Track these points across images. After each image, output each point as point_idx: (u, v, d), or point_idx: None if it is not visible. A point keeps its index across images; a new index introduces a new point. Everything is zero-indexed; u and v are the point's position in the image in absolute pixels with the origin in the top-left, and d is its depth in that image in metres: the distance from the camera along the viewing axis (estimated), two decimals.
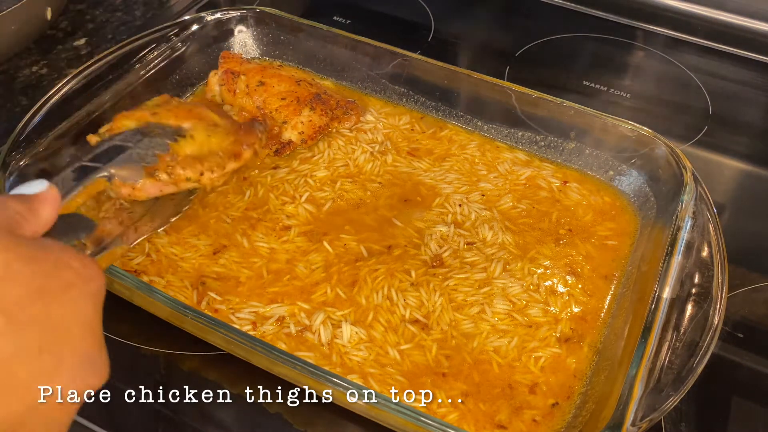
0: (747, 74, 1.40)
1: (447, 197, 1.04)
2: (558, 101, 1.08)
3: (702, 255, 0.88)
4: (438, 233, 0.98)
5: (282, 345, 0.85)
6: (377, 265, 0.94)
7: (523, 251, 0.97)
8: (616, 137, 1.05)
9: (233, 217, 1.00)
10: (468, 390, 0.82)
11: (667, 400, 0.73)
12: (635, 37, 1.48)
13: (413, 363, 0.84)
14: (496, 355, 0.86)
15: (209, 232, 0.97)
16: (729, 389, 0.88)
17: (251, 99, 1.11)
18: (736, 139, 1.27)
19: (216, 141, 0.92)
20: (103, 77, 1.08)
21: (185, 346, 0.88)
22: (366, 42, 1.18)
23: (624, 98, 1.33)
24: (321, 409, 0.82)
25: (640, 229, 1.01)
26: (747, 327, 0.95)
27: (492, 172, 1.08)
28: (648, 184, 1.03)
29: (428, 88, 1.16)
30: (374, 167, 1.08)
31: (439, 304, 0.90)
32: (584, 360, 0.86)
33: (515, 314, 0.90)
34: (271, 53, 1.26)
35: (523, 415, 0.81)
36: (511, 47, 1.43)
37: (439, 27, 1.47)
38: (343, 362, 0.84)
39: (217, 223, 0.98)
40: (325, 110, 1.10)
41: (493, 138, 1.13)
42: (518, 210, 1.03)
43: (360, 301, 0.90)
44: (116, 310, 0.90)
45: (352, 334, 0.86)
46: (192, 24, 1.19)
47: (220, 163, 0.91)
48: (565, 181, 1.07)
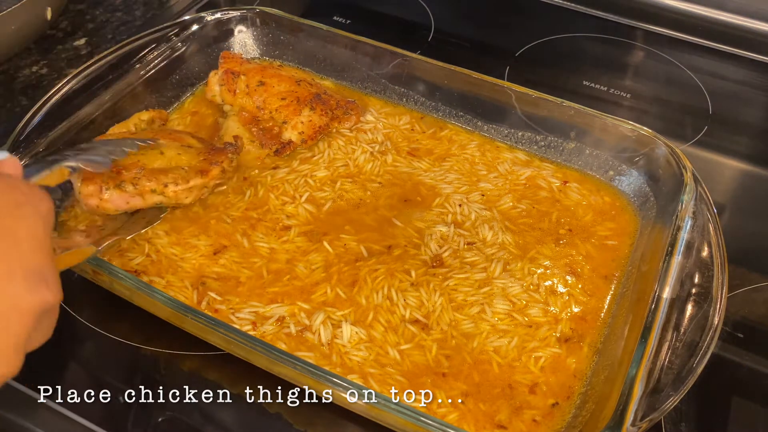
0: (747, 74, 1.40)
1: (447, 197, 1.04)
2: (558, 101, 1.08)
3: (702, 255, 0.88)
4: (438, 233, 0.98)
5: (282, 345, 0.85)
6: (377, 265, 0.94)
7: (523, 251, 0.97)
8: (616, 137, 1.05)
9: (233, 217, 0.99)
10: (468, 390, 0.82)
11: (667, 400, 0.73)
12: (635, 37, 1.48)
13: (413, 363, 0.84)
14: (496, 355, 0.86)
15: (210, 233, 0.97)
16: (729, 389, 0.88)
17: (251, 99, 1.11)
18: (736, 139, 1.27)
19: (185, 159, 0.95)
20: (103, 77, 1.08)
21: (185, 346, 0.88)
22: (366, 42, 1.18)
23: (624, 98, 1.33)
24: (321, 409, 0.82)
25: (640, 229, 1.01)
26: (747, 327, 0.95)
27: (492, 172, 1.08)
28: (648, 184, 1.03)
29: (428, 88, 1.16)
30: (374, 167, 1.08)
31: (439, 304, 0.90)
32: (584, 360, 0.86)
33: (515, 314, 0.90)
34: (271, 53, 1.26)
35: (523, 415, 0.81)
36: (511, 47, 1.43)
37: (439, 27, 1.47)
38: (343, 362, 0.84)
39: (218, 223, 0.98)
40: (325, 110, 1.10)
41: (493, 138, 1.13)
42: (518, 210, 1.03)
43: (360, 301, 0.90)
44: (116, 310, 0.90)
45: (352, 334, 0.86)
46: (192, 24, 1.19)
47: (184, 176, 0.93)
48: (565, 181, 1.07)
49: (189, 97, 1.20)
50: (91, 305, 0.93)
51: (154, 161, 0.94)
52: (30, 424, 0.82)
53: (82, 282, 0.93)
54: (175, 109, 1.17)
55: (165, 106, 1.16)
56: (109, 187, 0.90)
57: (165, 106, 1.16)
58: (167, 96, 1.17)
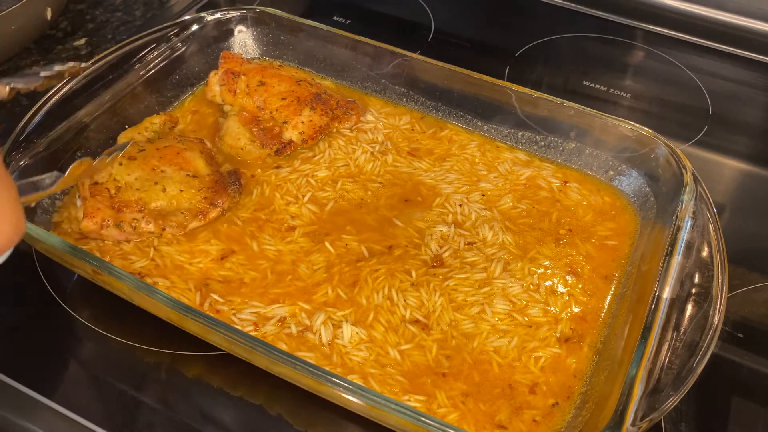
0: (747, 74, 1.40)
1: (447, 197, 1.04)
2: (558, 101, 1.08)
3: (702, 255, 0.88)
4: (438, 233, 0.98)
5: (283, 345, 0.85)
6: (378, 266, 0.94)
7: (523, 251, 0.97)
8: (616, 137, 1.05)
9: (243, 218, 1.00)
10: (468, 390, 0.82)
11: (667, 400, 0.73)
12: (635, 37, 1.48)
13: (413, 363, 0.85)
14: (496, 355, 0.86)
15: (221, 237, 0.97)
16: (729, 389, 0.88)
17: (251, 99, 1.11)
18: (736, 139, 1.27)
19: (186, 197, 0.97)
20: (103, 77, 1.08)
21: (186, 347, 0.88)
22: (366, 42, 1.18)
23: (624, 98, 1.33)
24: (321, 409, 0.82)
25: (640, 229, 1.01)
26: (747, 327, 0.95)
27: (492, 171, 1.08)
28: (648, 184, 1.03)
29: (428, 88, 1.16)
30: (375, 167, 1.08)
31: (440, 304, 0.90)
32: (584, 360, 0.86)
33: (515, 314, 0.90)
34: (271, 53, 1.26)
35: (523, 415, 0.81)
36: (511, 47, 1.43)
37: (439, 27, 1.47)
38: (344, 362, 0.84)
39: (229, 227, 0.99)
40: (325, 110, 1.10)
41: (493, 138, 1.13)
42: (518, 210, 1.03)
43: (361, 302, 0.90)
44: (116, 311, 0.90)
45: (353, 334, 0.86)
46: (192, 24, 1.19)
47: (182, 222, 0.96)
48: (565, 181, 1.07)
49: (189, 97, 1.19)
50: (91, 305, 0.93)
51: (156, 199, 0.95)
52: (30, 424, 0.82)
53: (82, 282, 0.93)
54: (175, 109, 1.17)
55: (165, 106, 1.16)
56: (108, 225, 0.93)
57: (165, 106, 1.16)
58: (167, 96, 1.17)
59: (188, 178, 0.98)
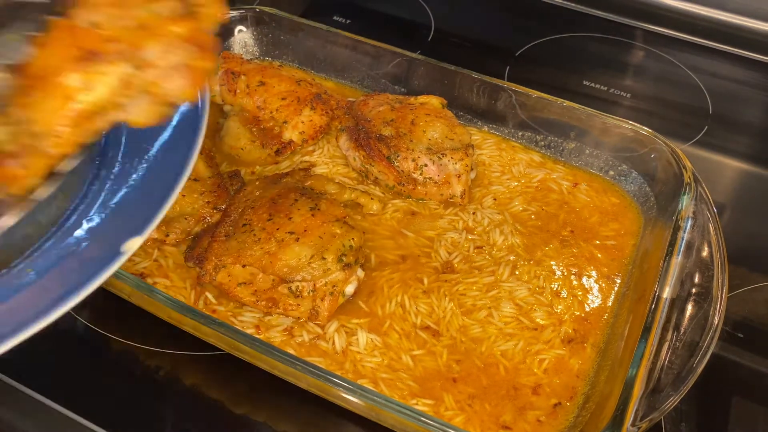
0: (747, 74, 1.40)
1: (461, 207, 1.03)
2: (558, 101, 1.08)
3: (702, 255, 0.88)
4: (449, 240, 0.98)
5: (291, 350, 0.85)
6: (392, 275, 0.93)
7: (531, 254, 0.97)
8: (616, 137, 1.05)
9: None
10: (475, 393, 0.82)
11: (667, 400, 0.73)
12: (635, 37, 1.48)
13: (425, 368, 0.84)
14: (503, 358, 0.86)
15: None
16: (729, 389, 0.88)
17: (252, 99, 1.11)
18: (736, 139, 1.27)
19: (189, 201, 0.96)
20: None
21: (187, 347, 0.88)
22: (366, 42, 1.18)
23: (624, 98, 1.33)
24: (321, 409, 0.82)
25: (642, 230, 1.01)
26: (747, 327, 0.95)
27: (506, 174, 1.08)
28: (648, 184, 1.03)
29: (428, 88, 1.16)
30: None
31: (449, 309, 0.90)
32: (587, 360, 0.86)
33: (521, 317, 0.90)
34: (271, 53, 1.26)
35: (527, 415, 0.81)
36: (511, 47, 1.43)
37: (439, 27, 1.47)
38: (356, 369, 0.84)
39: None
40: (325, 110, 1.10)
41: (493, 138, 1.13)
42: (528, 212, 1.03)
43: (376, 311, 0.90)
44: (116, 311, 0.90)
45: (368, 341, 0.86)
46: None
47: (185, 229, 0.95)
48: (575, 183, 1.07)
49: None
50: (91, 305, 0.93)
51: None
52: (30, 424, 0.82)
53: None
54: None
55: None
56: None
57: None
58: None
59: (189, 182, 0.98)
